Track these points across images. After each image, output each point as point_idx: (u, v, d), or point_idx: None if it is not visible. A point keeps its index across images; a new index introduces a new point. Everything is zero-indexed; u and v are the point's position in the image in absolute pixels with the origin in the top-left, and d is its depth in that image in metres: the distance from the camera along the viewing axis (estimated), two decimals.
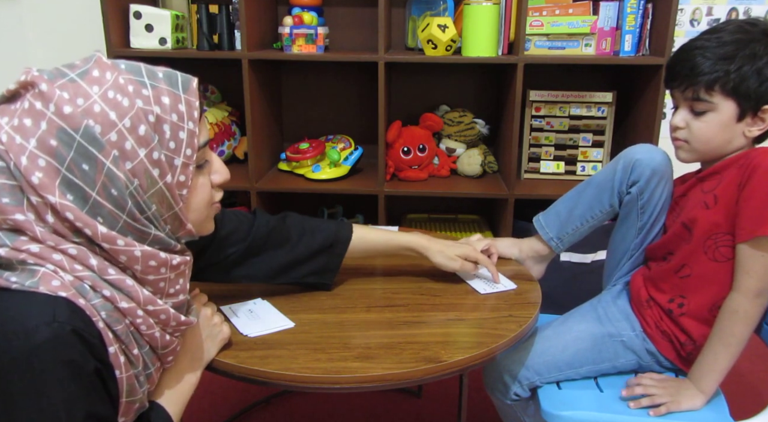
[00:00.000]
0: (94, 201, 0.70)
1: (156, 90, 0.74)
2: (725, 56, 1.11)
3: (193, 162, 0.77)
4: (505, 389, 1.28)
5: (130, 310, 0.74)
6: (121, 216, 0.72)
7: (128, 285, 0.74)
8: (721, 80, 1.11)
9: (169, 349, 0.84)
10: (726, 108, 1.13)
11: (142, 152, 0.72)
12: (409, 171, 2.18)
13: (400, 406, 1.80)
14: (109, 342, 0.72)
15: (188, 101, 0.76)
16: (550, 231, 1.37)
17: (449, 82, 2.35)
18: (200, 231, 0.86)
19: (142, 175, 0.72)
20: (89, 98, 0.70)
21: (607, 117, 2.14)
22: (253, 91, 2.01)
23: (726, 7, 2.32)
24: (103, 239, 0.71)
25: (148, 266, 0.76)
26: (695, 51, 1.14)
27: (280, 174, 2.23)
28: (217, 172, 0.85)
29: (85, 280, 0.71)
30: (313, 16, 2.06)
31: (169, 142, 0.74)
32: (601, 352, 1.24)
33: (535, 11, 2.01)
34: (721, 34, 1.13)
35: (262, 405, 1.81)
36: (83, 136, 0.69)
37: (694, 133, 1.17)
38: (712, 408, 1.16)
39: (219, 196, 0.87)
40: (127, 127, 0.70)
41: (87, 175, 0.69)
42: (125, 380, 0.75)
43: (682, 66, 1.15)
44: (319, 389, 0.94)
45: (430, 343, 1.02)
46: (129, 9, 2.02)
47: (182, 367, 0.92)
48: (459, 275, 1.29)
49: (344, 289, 1.23)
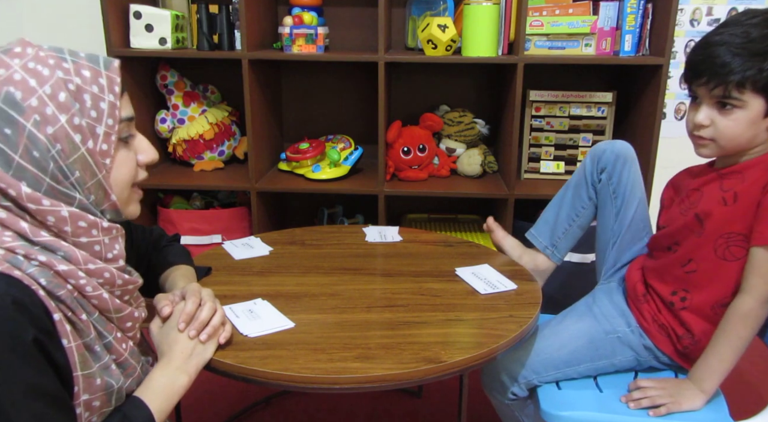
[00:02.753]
0: (17, 164, 0.72)
1: (77, 64, 0.77)
2: (757, 52, 1.06)
3: (115, 132, 0.80)
4: (503, 389, 1.28)
5: (71, 272, 0.75)
6: (45, 178, 0.74)
7: (64, 246, 0.75)
8: (753, 78, 1.06)
9: (124, 314, 0.83)
10: (755, 105, 1.09)
11: (63, 118, 0.74)
12: (409, 171, 2.18)
13: (400, 406, 1.80)
14: (52, 310, 0.72)
15: (109, 76, 0.79)
16: (543, 239, 1.44)
17: (449, 82, 2.35)
18: (125, 211, 0.87)
19: (63, 139, 0.74)
20: (10, 68, 0.73)
21: (607, 117, 2.14)
22: (253, 91, 2.01)
23: (726, 7, 2.32)
24: (27, 199, 0.73)
25: (78, 226, 0.77)
26: (722, 47, 1.08)
27: (280, 174, 2.23)
28: (144, 152, 0.88)
29: (17, 250, 0.72)
30: (313, 16, 2.06)
31: (90, 111, 0.77)
32: (598, 350, 1.25)
33: (535, 11, 2.01)
34: (747, 28, 1.08)
35: (262, 405, 1.81)
36: (4, 101, 0.72)
37: (720, 131, 1.12)
38: (712, 408, 1.16)
39: (143, 175, 0.89)
40: (48, 93, 0.73)
41: (9, 139, 0.72)
42: (74, 349, 0.74)
43: (710, 63, 1.10)
44: (319, 389, 0.94)
45: (430, 343, 1.02)
46: (129, 9, 2.02)
47: (175, 366, 0.91)
48: (459, 275, 1.29)
49: (344, 289, 1.23)
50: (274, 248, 1.44)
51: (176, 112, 2.25)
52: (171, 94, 2.24)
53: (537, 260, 1.44)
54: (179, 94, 2.24)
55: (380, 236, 1.54)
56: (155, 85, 2.26)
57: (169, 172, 2.25)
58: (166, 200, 2.27)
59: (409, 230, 1.60)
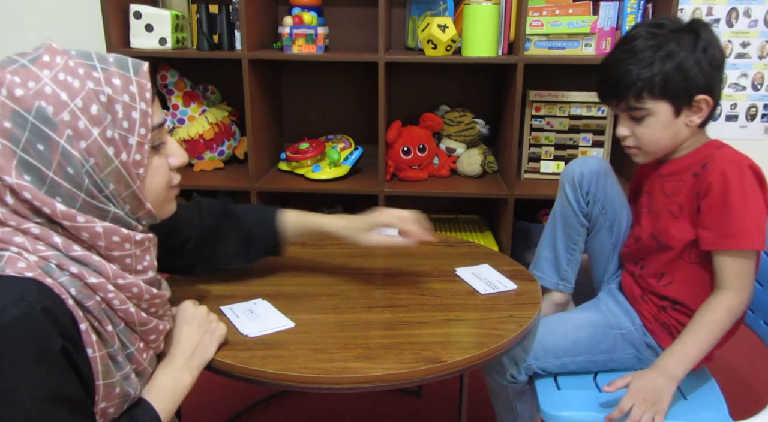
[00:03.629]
0: (51, 180, 0.72)
1: (107, 72, 0.75)
2: (644, 62, 1.14)
3: (147, 141, 0.79)
4: (502, 370, 1.30)
5: (100, 285, 0.75)
6: (79, 194, 0.73)
7: (95, 260, 0.75)
8: (647, 86, 1.15)
9: (149, 327, 0.83)
10: (661, 109, 1.17)
11: (95, 131, 0.73)
12: (409, 171, 2.18)
13: (400, 406, 1.80)
14: (80, 320, 0.72)
15: (140, 83, 0.78)
16: (551, 278, 1.43)
17: (449, 82, 2.35)
18: (161, 214, 0.86)
19: (97, 153, 0.73)
20: (40, 81, 0.71)
21: (607, 117, 2.14)
22: (253, 91, 2.01)
23: (726, 7, 2.32)
24: (62, 217, 0.72)
25: (112, 241, 0.76)
26: (615, 66, 1.18)
27: (280, 174, 2.23)
28: (174, 155, 0.87)
29: (50, 259, 0.72)
30: (313, 16, 2.06)
31: (122, 122, 0.76)
32: (600, 343, 1.25)
33: (535, 11, 2.01)
34: (633, 44, 1.17)
35: (262, 405, 1.81)
36: (36, 116, 0.70)
37: (640, 139, 1.21)
38: (711, 408, 1.16)
39: (177, 179, 0.89)
40: (79, 106, 0.72)
41: (43, 155, 0.71)
42: (98, 359, 0.74)
43: (607, 83, 1.20)
44: (319, 389, 0.94)
45: (431, 343, 1.02)
46: (129, 9, 2.02)
47: (178, 366, 0.92)
48: (459, 275, 1.29)
49: (344, 289, 1.23)
50: None
51: (176, 112, 2.25)
52: (171, 94, 2.24)
53: (554, 299, 1.44)
54: (179, 94, 2.24)
55: None
56: (155, 85, 2.26)
57: None
58: None
59: None
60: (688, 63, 1.14)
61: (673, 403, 1.17)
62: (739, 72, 2.38)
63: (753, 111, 2.42)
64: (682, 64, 1.14)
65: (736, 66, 2.38)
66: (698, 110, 1.18)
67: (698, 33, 1.15)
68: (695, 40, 1.15)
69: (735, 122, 2.43)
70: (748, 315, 1.32)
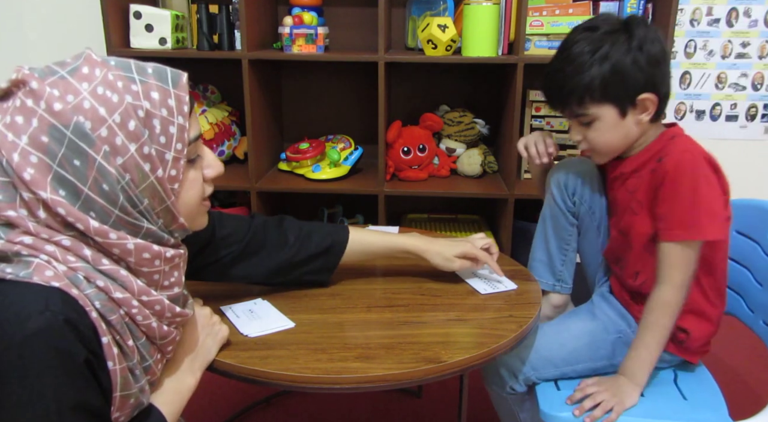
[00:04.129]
0: (86, 196, 0.71)
1: (145, 85, 0.75)
2: (581, 68, 1.14)
3: (183, 156, 0.78)
4: (501, 382, 1.29)
5: (125, 300, 0.75)
6: (114, 210, 0.73)
7: (122, 275, 0.75)
8: (587, 92, 1.15)
9: (168, 339, 0.84)
10: (606, 113, 1.17)
11: (132, 147, 0.72)
12: (409, 171, 2.18)
13: (400, 406, 1.80)
14: (102, 333, 0.72)
15: (178, 96, 0.77)
16: (547, 280, 1.43)
17: (449, 82, 2.35)
18: (193, 226, 0.86)
19: (133, 169, 0.73)
20: (79, 95, 0.70)
21: None
22: (253, 91, 2.01)
23: (726, 6, 2.32)
24: (95, 233, 0.72)
25: (142, 258, 0.76)
26: (555, 75, 1.19)
27: (280, 174, 2.23)
28: (210, 166, 0.86)
29: (79, 271, 0.72)
30: (313, 16, 2.06)
31: (160, 137, 0.75)
32: (599, 350, 1.25)
33: (535, 11, 2.01)
34: (569, 51, 1.17)
35: (262, 405, 1.81)
36: (74, 132, 0.69)
37: (591, 142, 1.22)
38: (711, 408, 1.16)
39: (210, 191, 0.88)
40: (117, 122, 0.71)
41: (78, 171, 0.70)
42: (118, 372, 0.74)
43: (551, 92, 1.22)
44: (319, 389, 0.94)
45: (431, 343, 1.02)
46: (129, 9, 2.02)
47: (181, 368, 0.92)
48: (459, 275, 1.29)
49: (344, 289, 1.23)
50: None
51: None
52: None
53: (551, 300, 1.44)
54: None
55: None
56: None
57: None
58: None
59: (409, 230, 1.60)
60: (624, 64, 1.13)
61: (672, 403, 1.18)
62: (739, 72, 2.38)
63: (753, 111, 2.42)
64: (618, 65, 1.13)
65: (736, 66, 2.38)
66: (644, 109, 1.17)
67: (632, 31, 1.14)
68: (629, 39, 1.14)
69: (735, 122, 2.43)
70: (747, 315, 1.32)
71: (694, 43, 2.36)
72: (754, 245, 1.31)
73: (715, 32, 2.35)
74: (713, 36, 2.35)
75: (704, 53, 2.37)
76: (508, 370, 1.27)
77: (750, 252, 1.32)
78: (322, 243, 1.17)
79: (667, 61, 1.18)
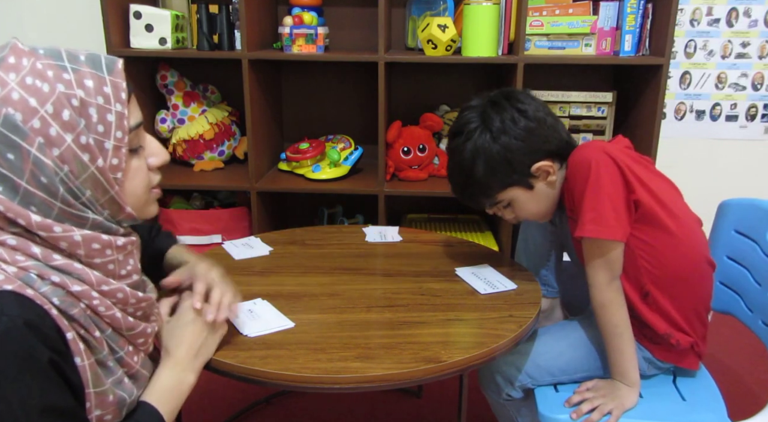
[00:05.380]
0: (24, 190, 0.69)
1: (78, 73, 0.72)
2: (467, 173, 1.17)
3: (124, 144, 0.75)
4: (497, 389, 1.28)
5: (84, 293, 0.73)
6: (55, 203, 0.71)
7: (77, 268, 0.73)
8: (485, 190, 1.19)
9: (137, 331, 0.82)
10: (513, 193, 1.20)
11: (68, 137, 0.70)
12: (409, 171, 2.18)
13: (400, 406, 1.80)
14: (65, 329, 0.71)
15: (114, 83, 0.74)
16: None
17: (449, 82, 2.35)
18: (142, 215, 0.84)
19: (71, 160, 0.71)
20: (6, 86, 0.68)
21: (607, 117, 2.14)
22: (253, 91, 2.01)
23: (726, 7, 2.32)
24: (38, 228, 0.70)
25: (92, 249, 0.74)
26: (453, 187, 1.24)
27: (280, 174, 2.23)
28: (154, 155, 0.84)
29: (30, 270, 0.70)
30: (313, 16, 2.06)
31: (97, 126, 0.72)
32: (597, 361, 1.23)
33: (535, 11, 2.01)
34: (451, 161, 1.21)
35: (262, 405, 1.81)
36: (4, 125, 0.67)
37: (521, 216, 1.25)
38: (710, 408, 1.16)
39: (157, 179, 0.86)
40: (50, 112, 0.69)
41: (13, 165, 0.68)
42: (88, 368, 0.73)
43: (462, 201, 1.25)
44: (319, 389, 0.94)
45: (430, 343, 1.02)
46: (129, 9, 2.02)
47: (184, 366, 0.92)
48: (459, 275, 1.29)
49: (344, 289, 1.23)
50: (274, 248, 1.44)
51: (176, 112, 2.25)
52: (171, 94, 2.24)
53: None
54: (179, 94, 2.24)
55: (380, 236, 1.54)
56: (155, 85, 2.26)
57: (169, 171, 2.25)
58: (166, 200, 2.27)
59: (409, 230, 1.60)
60: (495, 155, 1.15)
61: (671, 404, 1.18)
62: (739, 72, 2.39)
63: (753, 111, 2.42)
64: (492, 159, 1.15)
65: (736, 66, 2.38)
66: (545, 173, 1.18)
67: (487, 121, 1.17)
68: (487, 130, 1.16)
69: (735, 122, 2.43)
70: (746, 315, 1.32)
71: (694, 43, 2.36)
72: (753, 245, 1.31)
73: (715, 32, 2.35)
74: (713, 36, 2.35)
75: (704, 53, 2.37)
76: (503, 378, 1.26)
77: (749, 252, 1.31)
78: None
79: (540, 120, 1.17)
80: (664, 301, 1.17)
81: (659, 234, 1.14)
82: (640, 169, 1.14)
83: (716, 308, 1.38)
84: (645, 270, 1.15)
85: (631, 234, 1.13)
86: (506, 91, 1.23)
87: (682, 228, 1.16)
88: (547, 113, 1.20)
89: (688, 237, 1.17)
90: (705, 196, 2.04)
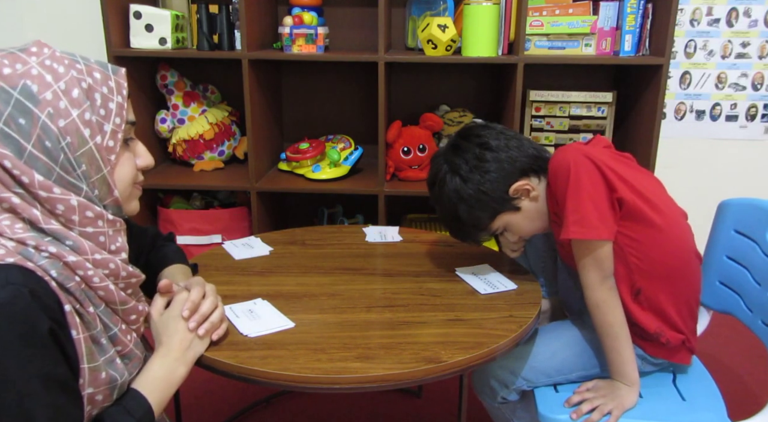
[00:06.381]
0: (29, 153, 0.75)
1: (89, 67, 0.81)
2: (454, 215, 1.21)
3: (121, 131, 0.83)
4: (492, 393, 1.28)
5: (79, 263, 0.77)
6: (55, 167, 0.77)
7: (72, 235, 0.77)
8: (477, 225, 1.22)
9: (129, 307, 0.85)
10: (505, 219, 1.22)
11: (75, 112, 0.77)
12: (409, 171, 2.18)
13: (400, 406, 1.80)
14: (64, 301, 0.74)
15: (117, 81, 0.84)
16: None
17: (449, 82, 2.35)
18: (127, 209, 0.89)
19: (73, 132, 0.77)
20: (27, 64, 0.76)
21: (607, 117, 2.14)
22: (253, 91, 2.01)
23: (726, 7, 2.32)
24: (40, 187, 0.75)
25: (85, 216, 0.79)
26: (456, 234, 1.27)
27: (280, 174, 2.24)
28: (141, 157, 0.91)
29: (28, 241, 0.74)
30: (313, 16, 2.06)
31: (100, 109, 0.81)
32: (591, 358, 1.23)
33: (535, 11, 2.01)
34: (438, 212, 1.25)
35: (262, 405, 1.81)
36: (21, 92, 0.75)
37: (523, 235, 1.29)
38: (710, 408, 1.16)
39: (141, 178, 0.93)
40: (62, 89, 0.77)
41: (23, 129, 0.74)
42: (83, 341, 0.76)
43: (460, 240, 1.30)
44: (319, 389, 0.94)
45: (431, 343, 1.02)
46: (129, 9, 2.02)
47: (175, 357, 0.92)
48: (459, 275, 1.29)
49: (344, 289, 1.23)
50: (274, 248, 1.44)
51: (176, 112, 2.25)
52: (171, 94, 2.24)
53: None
54: (179, 94, 2.24)
55: (380, 236, 1.54)
56: (155, 85, 2.26)
57: (169, 172, 2.25)
58: (166, 200, 2.27)
59: (409, 230, 1.60)
60: (473, 194, 1.18)
61: (671, 404, 1.18)
62: (739, 72, 2.39)
63: (753, 111, 2.42)
64: (471, 200, 1.18)
65: (736, 66, 2.38)
66: (526, 191, 1.20)
67: (453, 164, 1.19)
68: (457, 175, 1.18)
69: (735, 122, 2.43)
70: (746, 315, 1.32)
71: (694, 43, 2.36)
72: (753, 245, 1.31)
73: (715, 32, 2.35)
74: (713, 36, 2.35)
75: (704, 53, 2.37)
76: (498, 382, 1.26)
77: (749, 251, 1.31)
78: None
79: (502, 146, 1.20)
80: (657, 297, 1.17)
81: (646, 230, 1.14)
82: (620, 167, 1.15)
83: (716, 308, 1.38)
84: (635, 266, 1.15)
85: (618, 232, 1.13)
86: (462, 131, 1.25)
87: (668, 222, 1.17)
88: (509, 137, 1.22)
89: (675, 230, 1.18)
90: (705, 195, 2.04)
